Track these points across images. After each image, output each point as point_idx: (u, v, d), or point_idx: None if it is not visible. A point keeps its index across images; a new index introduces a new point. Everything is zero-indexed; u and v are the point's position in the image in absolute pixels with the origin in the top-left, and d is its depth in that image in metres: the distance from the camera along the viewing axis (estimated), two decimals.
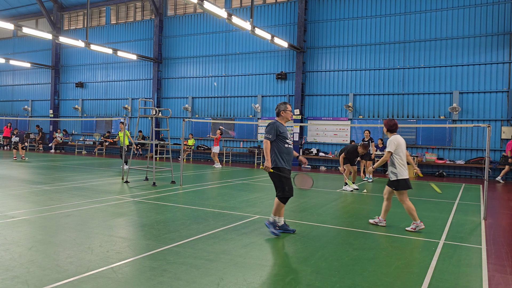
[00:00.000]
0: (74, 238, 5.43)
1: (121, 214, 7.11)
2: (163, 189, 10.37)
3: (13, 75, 31.68)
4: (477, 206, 9.27)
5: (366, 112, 19.04)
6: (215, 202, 8.54)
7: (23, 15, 30.49)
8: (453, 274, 4.50)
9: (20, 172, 13.47)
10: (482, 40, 16.91)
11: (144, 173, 13.58)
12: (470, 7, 17.09)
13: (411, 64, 18.14)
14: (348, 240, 5.88)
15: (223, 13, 13.60)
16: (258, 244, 5.46)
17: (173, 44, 24.41)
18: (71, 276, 4.02)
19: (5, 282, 3.81)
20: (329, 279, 4.18)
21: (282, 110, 5.98)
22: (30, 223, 6.27)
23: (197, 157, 23.30)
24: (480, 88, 16.91)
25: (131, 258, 4.66)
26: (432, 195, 10.90)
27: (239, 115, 22.16)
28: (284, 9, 20.99)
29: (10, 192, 9.23)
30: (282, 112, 5.99)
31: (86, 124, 27.97)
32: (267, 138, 5.81)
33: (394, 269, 4.59)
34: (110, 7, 26.82)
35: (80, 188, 10.17)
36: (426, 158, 17.48)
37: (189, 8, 24.04)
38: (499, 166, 16.06)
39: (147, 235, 5.75)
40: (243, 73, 22.09)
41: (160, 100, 24.71)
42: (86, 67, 28.04)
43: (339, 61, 19.70)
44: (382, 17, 18.72)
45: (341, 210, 8.55)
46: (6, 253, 4.70)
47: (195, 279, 4.07)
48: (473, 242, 5.98)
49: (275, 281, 4.17)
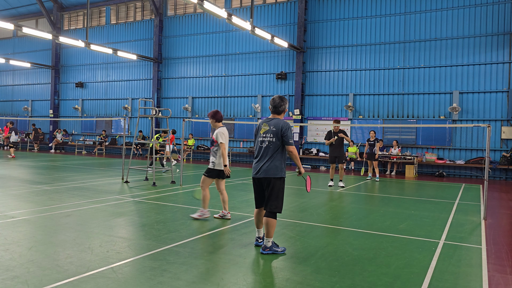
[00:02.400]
0: (74, 238, 5.43)
1: (121, 214, 7.11)
2: (163, 189, 10.37)
3: (13, 75, 31.68)
4: (477, 206, 9.27)
5: (366, 112, 19.04)
6: (215, 202, 8.53)
7: (23, 15, 30.49)
8: (453, 274, 4.50)
9: (20, 172, 13.47)
10: (482, 40, 16.91)
11: (144, 173, 13.58)
12: (470, 7, 17.09)
13: (411, 64, 18.14)
14: (348, 240, 5.88)
15: (223, 13, 13.60)
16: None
17: (173, 44, 24.41)
18: (71, 276, 4.02)
19: (5, 282, 3.81)
20: (329, 279, 4.18)
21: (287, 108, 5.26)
22: (30, 223, 6.27)
23: (197, 157, 23.30)
24: (480, 88, 16.91)
25: (131, 258, 4.66)
26: (433, 195, 10.90)
27: (239, 115, 22.16)
28: (284, 9, 20.99)
29: (10, 192, 9.23)
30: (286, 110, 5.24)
31: (86, 124, 27.97)
32: (293, 144, 5.02)
33: (394, 269, 4.59)
34: (110, 7, 26.82)
35: (80, 188, 10.17)
36: (426, 158, 17.48)
37: (189, 8, 24.04)
38: (499, 166, 16.07)
39: (147, 235, 5.75)
40: (243, 73, 22.09)
41: (160, 100, 24.71)
42: (86, 67, 28.04)
43: (339, 61, 19.70)
44: (382, 17, 18.72)
45: (341, 210, 8.55)
46: (6, 253, 4.70)
47: (195, 279, 4.07)
48: (473, 242, 5.98)
49: (275, 281, 4.17)
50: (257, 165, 5.10)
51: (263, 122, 5.17)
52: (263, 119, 5.29)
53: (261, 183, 5.10)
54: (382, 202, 9.61)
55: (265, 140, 5.05)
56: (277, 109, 5.14)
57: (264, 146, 5.05)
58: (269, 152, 5.00)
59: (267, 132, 5.05)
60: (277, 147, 5.00)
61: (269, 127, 5.05)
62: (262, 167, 5.00)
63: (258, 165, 5.07)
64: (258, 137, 5.16)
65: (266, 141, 5.03)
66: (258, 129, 5.20)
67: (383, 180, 14.75)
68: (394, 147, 17.53)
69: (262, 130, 5.12)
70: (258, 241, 5.30)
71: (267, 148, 5.02)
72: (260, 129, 5.16)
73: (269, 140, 5.01)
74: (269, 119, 5.14)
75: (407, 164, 16.93)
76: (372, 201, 9.80)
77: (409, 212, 8.22)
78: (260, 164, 5.05)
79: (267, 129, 5.06)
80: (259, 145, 5.13)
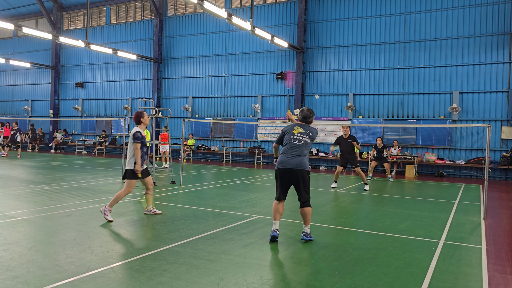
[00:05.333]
0: (74, 238, 5.43)
1: (121, 214, 7.11)
2: (163, 189, 10.37)
3: (13, 75, 31.68)
4: (477, 206, 9.27)
5: (366, 112, 19.04)
6: (215, 202, 8.54)
7: (23, 15, 30.49)
8: (453, 274, 4.50)
9: (20, 172, 13.47)
10: (482, 40, 16.91)
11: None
12: (470, 7, 17.09)
13: (411, 64, 18.14)
14: (348, 240, 5.88)
15: (223, 13, 13.60)
16: (258, 244, 5.46)
17: (173, 44, 24.41)
18: (71, 276, 4.02)
19: (5, 282, 3.81)
20: (329, 279, 4.18)
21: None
22: (30, 223, 6.27)
23: (197, 157, 23.29)
24: (480, 88, 16.91)
25: (131, 258, 4.66)
26: (433, 195, 10.90)
27: (239, 115, 22.16)
28: (284, 9, 20.99)
29: (10, 192, 9.23)
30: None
31: (86, 124, 27.97)
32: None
33: (394, 269, 4.59)
34: (110, 7, 26.81)
35: (80, 188, 10.17)
36: (426, 158, 17.48)
37: (189, 8, 24.04)
38: (499, 166, 16.07)
39: (147, 235, 5.75)
40: (243, 73, 22.09)
41: (160, 100, 24.71)
42: (86, 67, 28.04)
43: (339, 61, 19.70)
44: (382, 17, 18.72)
45: (341, 210, 8.55)
46: (6, 253, 4.70)
47: (195, 279, 4.07)
48: (473, 242, 5.98)
49: (275, 281, 4.17)
50: (288, 159, 5.68)
51: (296, 125, 6.00)
52: (295, 123, 6.08)
53: (291, 174, 5.66)
54: (382, 202, 9.61)
55: (301, 139, 5.81)
56: (306, 119, 6.02)
57: (299, 144, 5.78)
58: (304, 150, 5.76)
59: (302, 134, 5.84)
60: (309, 147, 5.87)
61: (304, 131, 5.87)
62: (296, 161, 5.65)
63: (290, 159, 5.68)
64: (290, 135, 5.85)
65: (302, 140, 5.80)
66: (290, 130, 5.92)
67: (383, 180, 14.76)
68: (394, 147, 17.53)
69: (295, 131, 5.87)
70: (277, 232, 5.64)
71: (301, 146, 5.77)
72: (293, 129, 5.90)
73: (305, 140, 5.81)
74: (303, 125, 5.98)
75: (407, 164, 16.93)
76: (372, 201, 9.80)
77: (409, 212, 8.22)
78: (293, 159, 5.68)
79: (301, 131, 5.86)
80: (292, 143, 5.79)
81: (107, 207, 6.57)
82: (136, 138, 6.68)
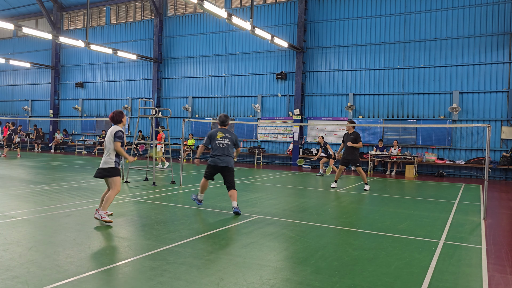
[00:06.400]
0: (74, 238, 5.43)
1: (121, 214, 7.11)
2: (163, 189, 10.37)
3: (13, 75, 31.68)
4: (477, 206, 9.27)
5: (366, 112, 19.04)
6: (215, 202, 8.53)
7: (23, 15, 30.49)
8: (453, 274, 4.50)
9: (20, 172, 13.47)
10: (482, 40, 16.91)
11: (144, 173, 13.58)
12: (470, 7, 17.09)
13: (411, 64, 18.14)
14: (348, 240, 5.88)
15: (223, 13, 13.60)
16: (258, 244, 5.46)
17: (173, 44, 24.42)
18: (71, 276, 4.01)
19: (5, 282, 3.81)
20: (329, 279, 4.18)
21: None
22: (30, 223, 6.27)
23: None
24: (480, 88, 16.91)
25: (131, 258, 4.66)
26: (433, 195, 10.90)
27: (239, 115, 22.17)
28: (284, 9, 20.99)
29: (10, 192, 9.23)
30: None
31: (86, 124, 27.97)
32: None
33: (394, 269, 4.59)
34: (110, 7, 26.82)
35: (80, 188, 10.17)
36: (426, 158, 17.48)
37: (189, 8, 24.04)
38: (499, 166, 16.07)
39: (147, 235, 5.75)
40: (243, 73, 22.10)
41: (160, 100, 24.71)
42: (86, 67, 28.04)
43: (339, 61, 19.70)
44: (382, 17, 18.72)
45: (341, 210, 8.55)
46: (6, 253, 4.70)
47: (195, 279, 4.07)
48: (473, 242, 5.98)
49: (275, 281, 4.17)
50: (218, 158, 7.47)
51: (218, 130, 7.50)
52: (218, 128, 7.60)
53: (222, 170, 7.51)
54: (382, 202, 9.61)
55: (223, 142, 7.43)
56: (224, 123, 7.60)
57: (223, 147, 7.44)
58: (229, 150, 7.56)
59: (224, 138, 7.47)
60: (233, 147, 7.67)
61: (225, 134, 7.49)
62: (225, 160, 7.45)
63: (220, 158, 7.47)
64: (216, 141, 7.44)
65: (225, 143, 7.43)
66: (214, 135, 7.48)
67: (383, 180, 14.75)
68: (394, 147, 17.53)
69: (218, 136, 7.43)
70: (202, 202, 8.03)
71: (225, 148, 7.47)
72: (217, 134, 7.46)
73: (227, 143, 7.46)
74: (224, 129, 7.58)
75: (407, 164, 16.93)
76: (372, 201, 9.80)
77: (409, 212, 8.22)
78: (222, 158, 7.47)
79: (223, 135, 7.49)
80: (218, 146, 7.42)
81: (101, 211, 6.30)
82: (118, 137, 6.52)
